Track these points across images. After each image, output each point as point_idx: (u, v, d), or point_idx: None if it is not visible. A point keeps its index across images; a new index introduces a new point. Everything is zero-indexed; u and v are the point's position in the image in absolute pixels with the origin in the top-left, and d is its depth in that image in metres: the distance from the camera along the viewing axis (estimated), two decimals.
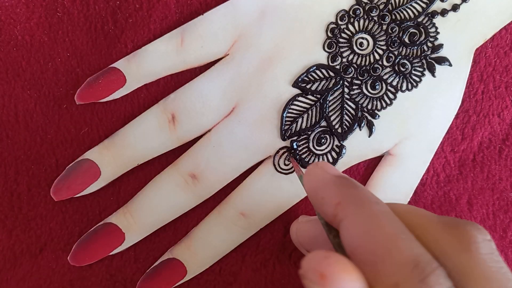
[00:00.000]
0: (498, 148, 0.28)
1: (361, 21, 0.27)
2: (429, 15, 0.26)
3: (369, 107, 0.27)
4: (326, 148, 0.27)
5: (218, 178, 0.27)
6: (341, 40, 0.27)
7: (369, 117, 0.27)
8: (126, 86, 0.27)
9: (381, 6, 0.27)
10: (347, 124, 0.27)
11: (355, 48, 0.27)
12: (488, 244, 0.17)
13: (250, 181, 0.27)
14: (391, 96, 0.27)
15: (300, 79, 0.26)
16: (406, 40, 0.27)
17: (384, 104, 0.27)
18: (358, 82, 0.27)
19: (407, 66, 0.26)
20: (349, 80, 0.27)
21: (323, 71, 0.27)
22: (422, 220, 0.18)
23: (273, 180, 0.27)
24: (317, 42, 0.27)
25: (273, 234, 0.28)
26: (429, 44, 0.26)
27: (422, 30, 0.26)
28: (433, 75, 0.26)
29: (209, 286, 0.28)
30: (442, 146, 0.28)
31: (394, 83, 0.27)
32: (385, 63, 0.27)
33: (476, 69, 0.28)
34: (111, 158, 0.27)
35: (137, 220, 0.27)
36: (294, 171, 0.26)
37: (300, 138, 0.27)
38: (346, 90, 0.27)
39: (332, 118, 0.27)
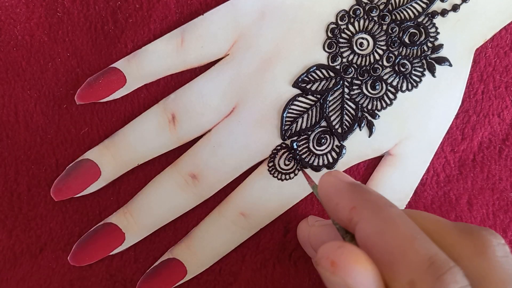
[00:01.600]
0: (498, 148, 0.28)
1: (361, 21, 0.27)
2: (429, 15, 0.26)
3: (369, 107, 0.27)
4: (326, 148, 0.27)
5: (218, 178, 0.27)
6: (341, 40, 0.27)
7: (369, 117, 0.27)
8: (126, 86, 0.27)
9: (381, 6, 0.27)
10: (347, 124, 0.27)
11: (355, 48, 0.27)
12: (503, 248, 0.18)
13: (250, 181, 0.27)
14: (391, 96, 0.27)
15: (300, 79, 0.26)
16: (406, 40, 0.27)
17: (384, 104, 0.27)
18: (358, 82, 0.27)
19: (407, 66, 0.26)
20: (349, 80, 0.27)
21: (323, 71, 0.27)
22: (437, 226, 0.19)
23: (273, 180, 0.27)
24: (317, 42, 0.27)
25: (273, 234, 0.28)
26: (429, 44, 0.26)
27: (422, 30, 0.26)
28: (433, 75, 0.26)
29: (209, 286, 0.28)
30: (442, 146, 0.28)
31: (394, 83, 0.27)
32: (385, 63, 0.27)
33: (476, 69, 0.28)
34: (111, 158, 0.27)
35: (137, 220, 0.27)
36: (293, 171, 0.27)
37: (300, 138, 0.27)
38: (346, 90, 0.27)
39: (332, 118, 0.27)
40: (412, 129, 0.27)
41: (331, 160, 0.27)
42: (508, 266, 0.17)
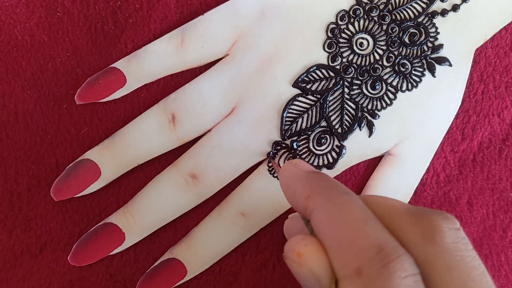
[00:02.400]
0: (498, 148, 0.28)
1: (361, 21, 0.27)
2: (429, 15, 0.26)
3: (369, 107, 0.27)
4: (326, 148, 0.27)
5: (218, 178, 0.27)
6: (341, 40, 0.27)
7: (369, 117, 0.27)
8: (126, 86, 0.27)
9: (381, 6, 0.27)
10: (347, 124, 0.27)
11: (355, 48, 0.27)
12: (454, 233, 0.17)
13: (250, 181, 0.27)
14: (391, 96, 0.27)
15: (300, 79, 0.26)
16: (406, 40, 0.27)
17: (384, 104, 0.27)
18: (358, 82, 0.27)
19: (407, 66, 0.26)
20: (349, 80, 0.27)
21: (323, 71, 0.27)
22: (389, 211, 0.18)
23: (273, 180, 0.27)
24: (317, 42, 0.27)
25: (273, 234, 0.28)
26: (429, 44, 0.26)
27: (422, 30, 0.26)
28: (433, 75, 0.26)
29: (209, 286, 0.28)
30: (442, 146, 0.28)
31: (394, 83, 0.27)
32: (385, 63, 0.27)
33: (476, 69, 0.28)
34: (111, 158, 0.27)
35: (137, 220, 0.27)
36: None
37: (300, 138, 0.27)
38: (346, 90, 0.27)
39: (332, 118, 0.27)
40: (412, 129, 0.27)
41: (331, 160, 0.27)
42: (457, 252, 0.17)
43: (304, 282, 0.17)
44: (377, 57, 0.27)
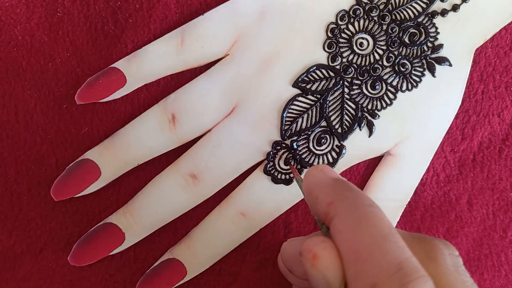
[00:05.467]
0: (498, 148, 0.28)
1: (361, 21, 0.27)
2: (429, 15, 0.26)
3: (369, 107, 0.27)
4: (326, 148, 0.27)
5: (218, 178, 0.27)
6: (341, 40, 0.27)
7: (369, 117, 0.27)
8: (126, 86, 0.27)
9: (381, 6, 0.27)
10: (347, 124, 0.27)
11: (355, 48, 0.27)
12: (455, 258, 0.18)
13: (250, 181, 0.27)
14: (391, 96, 0.27)
15: (300, 79, 0.26)
16: (406, 40, 0.27)
17: (384, 104, 0.27)
18: (358, 82, 0.27)
19: (407, 66, 0.27)
20: (349, 80, 0.27)
21: (323, 71, 0.27)
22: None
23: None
24: (317, 42, 0.27)
25: (273, 234, 0.28)
26: (429, 44, 0.26)
27: (422, 30, 0.26)
28: (433, 75, 0.26)
29: (209, 286, 0.28)
30: (442, 146, 0.28)
31: (394, 83, 0.27)
32: (385, 63, 0.27)
33: (476, 69, 0.28)
34: (111, 158, 0.27)
35: (137, 220, 0.26)
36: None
37: (300, 138, 0.27)
38: (346, 90, 0.27)
39: (332, 118, 0.27)
40: (412, 129, 0.27)
41: (331, 160, 0.27)
42: (457, 275, 0.17)
43: (314, 282, 0.17)
44: (377, 57, 0.27)
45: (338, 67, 0.27)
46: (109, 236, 0.26)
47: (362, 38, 0.27)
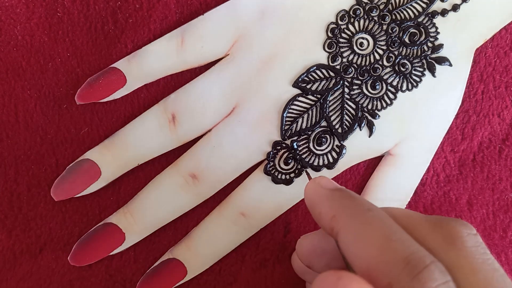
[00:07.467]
0: (498, 148, 0.28)
1: (361, 21, 0.27)
2: (429, 15, 0.26)
3: (369, 107, 0.27)
4: (326, 148, 0.27)
5: (218, 178, 0.27)
6: (341, 40, 0.27)
7: (369, 117, 0.27)
8: (126, 86, 0.27)
9: (381, 6, 0.27)
10: (347, 124, 0.27)
11: (355, 48, 0.27)
12: (474, 238, 0.18)
13: (250, 181, 0.27)
14: (391, 96, 0.27)
15: (300, 79, 0.26)
16: (406, 40, 0.27)
17: (384, 104, 0.27)
18: (358, 82, 0.27)
19: (407, 66, 0.27)
20: (349, 80, 0.27)
21: (323, 71, 0.27)
22: (409, 220, 0.18)
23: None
24: (317, 42, 0.27)
25: (273, 234, 0.28)
26: (429, 44, 0.26)
27: (422, 30, 0.26)
28: (433, 75, 0.26)
29: (209, 286, 0.28)
30: (442, 146, 0.28)
31: (394, 83, 0.27)
32: (385, 63, 0.27)
33: (476, 69, 0.28)
34: (111, 158, 0.27)
35: (137, 220, 0.26)
36: (294, 171, 0.26)
37: (300, 138, 0.27)
38: (346, 90, 0.27)
39: (332, 118, 0.27)
40: (412, 129, 0.27)
41: (331, 160, 0.27)
42: (478, 255, 0.17)
43: None
44: (377, 57, 0.27)
45: (338, 67, 0.27)
46: (109, 236, 0.26)
47: (362, 38, 0.27)
